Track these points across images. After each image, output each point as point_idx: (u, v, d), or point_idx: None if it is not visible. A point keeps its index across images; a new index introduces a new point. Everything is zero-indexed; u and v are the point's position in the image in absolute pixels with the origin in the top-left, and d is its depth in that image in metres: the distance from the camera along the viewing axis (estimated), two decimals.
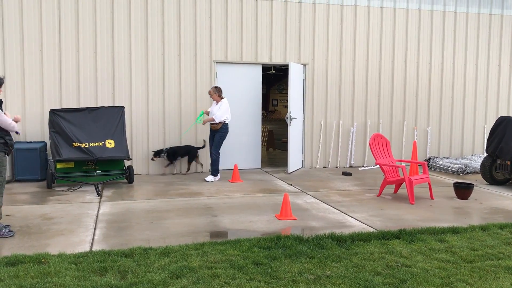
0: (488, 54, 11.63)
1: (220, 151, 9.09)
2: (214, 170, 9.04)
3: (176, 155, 9.57)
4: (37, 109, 9.13)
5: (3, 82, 5.47)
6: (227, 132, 9.07)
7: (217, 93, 8.92)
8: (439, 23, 11.25)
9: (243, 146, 10.44)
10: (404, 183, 7.46)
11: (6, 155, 5.42)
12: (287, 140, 10.15)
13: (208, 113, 9.16)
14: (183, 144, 9.81)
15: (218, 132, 8.95)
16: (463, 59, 11.50)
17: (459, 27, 11.38)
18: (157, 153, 9.47)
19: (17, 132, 5.47)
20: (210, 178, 9.01)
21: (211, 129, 9.11)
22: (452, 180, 9.27)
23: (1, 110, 5.34)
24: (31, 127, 9.11)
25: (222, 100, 8.97)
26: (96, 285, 3.94)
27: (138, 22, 9.47)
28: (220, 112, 8.84)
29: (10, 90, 8.92)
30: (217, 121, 8.83)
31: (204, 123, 9.11)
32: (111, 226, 5.87)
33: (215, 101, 9.01)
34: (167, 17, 9.60)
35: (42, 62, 9.10)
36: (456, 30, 11.37)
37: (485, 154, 9.65)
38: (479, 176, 9.41)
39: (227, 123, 8.96)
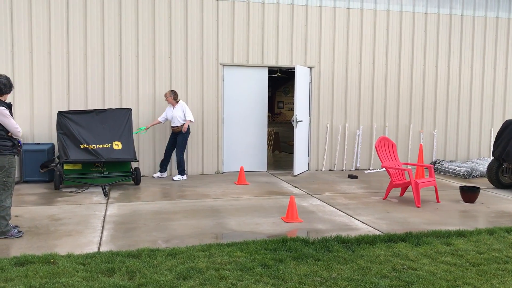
0: (495, 57, 11.61)
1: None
2: (182, 170, 9.41)
3: None
4: (45, 111, 9.20)
5: (13, 87, 5.53)
6: (190, 133, 9.46)
7: (172, 95, 9.23)
8: (446, 27, 11.25)
9: (249, 149, 10.47)
10: (410, 186, 7.46)
11: (15, 156, 5.48)
12: (292, 143, 10.18)
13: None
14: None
15: (182, 134, 9.28)
16: (469, 62, 11.49)
17: (466, 31, 11.37)
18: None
19: (19, 141, 5.54)
20: (178, 177, 9.37)
21: (172, 132, 9.41)
22: (458, 183, 9.25)
23: (11, 114, 5.41)
24: (39, 129, 9.19)
25: (180, 102, 9.31)
26: (104, 285, 3.98)
27: (145, 25, 9.54)
28: (189, 112, 9.23)
29: (18, 92, 9.00)
30: (192, 120, 9.30)
31: (146, 128, 9.38)
32: (119, 227, 5.91)
33: (170, 105, 9.31)
34: (174, 20, 9.66)
35: (50, 64, 9.17)
36: (462, 33, 11.36)
37: (492, 158, 9.62)
38: (486, 180, 9.39)
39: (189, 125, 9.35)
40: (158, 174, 9.58)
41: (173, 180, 9.31)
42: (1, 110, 5.29)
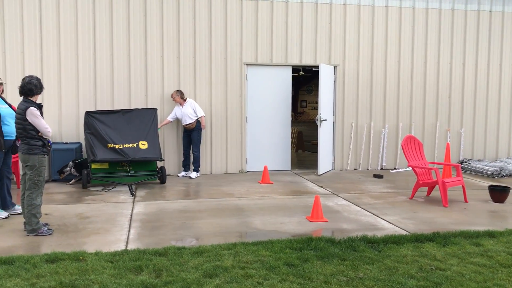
0: None
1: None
2: (197, 167, 9.58)
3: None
4: (72, 111, 9.38)
5: (43, 88, 5.66)
6: (202, 129, 9.55)
7: (179, 95, 9.34)
8: (473, 23, 11.02)
9: (272, 148, 10.47)
10: (437, 186, 7.34)
11: (45, 156, 5.61)
12: (316, 142, 10.13)
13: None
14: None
15: (196, 131, 9.39)
16: (498, 59, 11.23)
17: (495, 27, 11.13)
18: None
19: (48, 141, 5.67)
20: (194, 174, 9.57)
21: (185, 130, 9.48)
22: (486, 183, 9.06)
23: (41, 114, 5.53)
24: (67, 129, 9.38)
25: (188, 100, 9.41)
26: (132, 283, 4.04)
27: (170, 26, 9.63)
28: (199, 108, 9.38)
29: (47, 92, 9.20)
30: (204, 115, 9.46)
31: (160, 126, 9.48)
32: (145, 225, 5.99)
33: (178, 104, 9.40)
34: (198, 20, 9.72)
35: (77, 65, 9.35)
36: (491, 30, 11.12)
37: None
38: None
39: (199, 121, 9.42)
40: (183, 173, 9.68)
41: (190, 177, 9.48)
42: (32, 111, 5.42)
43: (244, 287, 3.99)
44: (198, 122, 9.40)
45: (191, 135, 9.46)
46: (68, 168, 8.68)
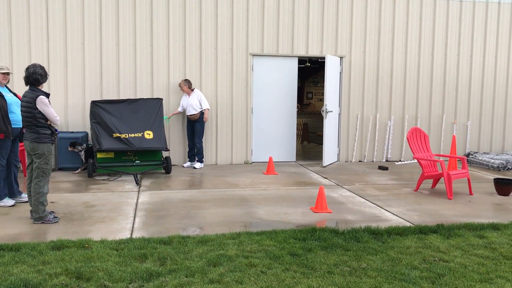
0: None
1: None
2: (201, 158, 9.60)
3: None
4: (79, 100, 9.42)
5: (48, 75, 5.69)
6: (206, 120, 9.57)
7: (187, 84, 9.34)
8: (482, 15, 10.93)
9: (278, 139, 10.47)
10: (442, 178, 7.33)
11: (53, 144, 5.65)
12: (322, 134, 10.12)
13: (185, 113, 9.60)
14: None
15: (199, 123, 9.39)
16: (506, 52, 11.14)
17: (503, 19, 11.03)
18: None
19: (56, 130, 5.71)
20: (198, 164, 9.58)
21: (189, 120, 9.47)
22: (492, 176, 9.03)
23: (49, 102, 5.56)
24: (73, 118, 9.42)
25: (196, 90, 9.41)
26: (136, 270, 4.08)
27: (176, 16, 9.61)
28: (205, 101, 9.38)
29: (53, 82, 9.24)
30: (209, 108, 9.49)
31: (169, 117, 9.61)
32: (150, 214, 6.03)
33: (186, 94, 9.41)
34: (204, 10, 9.70)
35: (83, 55, 9.37)
36: (499, 22, 11.02)
37: None
38: None
39: (203, 113, 9.43)
40: (188, 164, 9.71)
41: (194, 168, 9.51)
42: (42, 99, 5.46)
43: (248, 276, 4.02)
44: (202, 114, 9.40)
45: (194, 126, 9.48)
46: (80, 148, 8.75)
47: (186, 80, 9.39)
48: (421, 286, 3.89)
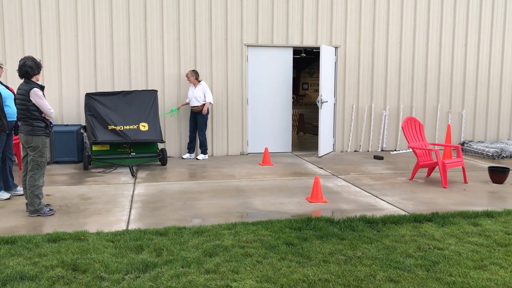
0: None
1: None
2: (205, 150, 9.67)
3: None
4: (73, 93, 9.38)
5: (41, 67, 5.65)
6: (209, 113, 9.67)
7: (194, 75, 9.34)
8: (476, 3, 10.91)
9: (273, 130, 10.48)
10: (437, 167, 7.36)
11: (48, 137, 5.63)
12: (317, 124, 10.13)
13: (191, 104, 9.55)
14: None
15: (201, 115, 9.41)
16: (500, 41, 11.16)
17: (497, 8, 11.02)
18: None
19: (50, 123, 5.68)
20: (201, 156, 9.65)
21: (192, 112, 9.51)
22: (487, 164, 9.08)
23: (44, 95, 5.54)
24: (68, 111, 9.38)
25: (202, 83, 9.40)
26: (132, 261, 4.09)
27: (170, 6, 9.55)
28: (209, 94, 9.38)
29: (47, 74, 9.19)
30: (212, 102, 9.46)
31: (178, 108, 9.64)
32: (146, 206, 6.04)
33: (192, 84, 9.42)
34: (198, 1, 9.64)
35: (77, 47, 9.31)
36: (494, 11, 11.01)
37: None
38: None
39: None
40: (187, 155, 9.72)
41: (197, 159, 9.56)
42: (36, 91, 5.43)
43: (244, 266, 4.04)
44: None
45: (197, 118, 9.46)
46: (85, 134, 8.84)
47: (193, 71, 9.36)
48: (416, 273, 3.92)
